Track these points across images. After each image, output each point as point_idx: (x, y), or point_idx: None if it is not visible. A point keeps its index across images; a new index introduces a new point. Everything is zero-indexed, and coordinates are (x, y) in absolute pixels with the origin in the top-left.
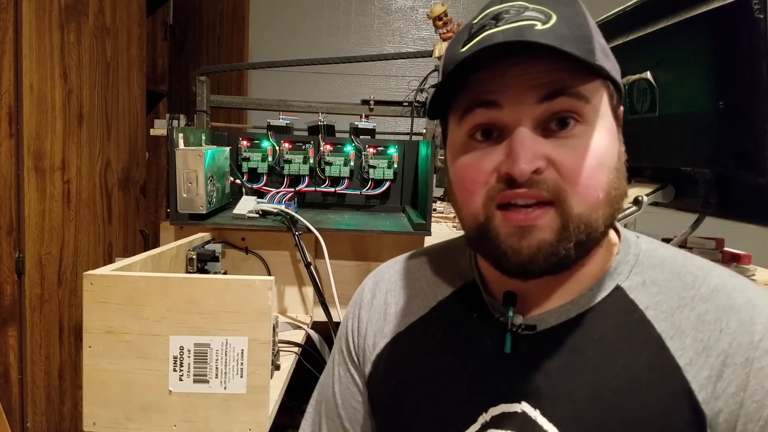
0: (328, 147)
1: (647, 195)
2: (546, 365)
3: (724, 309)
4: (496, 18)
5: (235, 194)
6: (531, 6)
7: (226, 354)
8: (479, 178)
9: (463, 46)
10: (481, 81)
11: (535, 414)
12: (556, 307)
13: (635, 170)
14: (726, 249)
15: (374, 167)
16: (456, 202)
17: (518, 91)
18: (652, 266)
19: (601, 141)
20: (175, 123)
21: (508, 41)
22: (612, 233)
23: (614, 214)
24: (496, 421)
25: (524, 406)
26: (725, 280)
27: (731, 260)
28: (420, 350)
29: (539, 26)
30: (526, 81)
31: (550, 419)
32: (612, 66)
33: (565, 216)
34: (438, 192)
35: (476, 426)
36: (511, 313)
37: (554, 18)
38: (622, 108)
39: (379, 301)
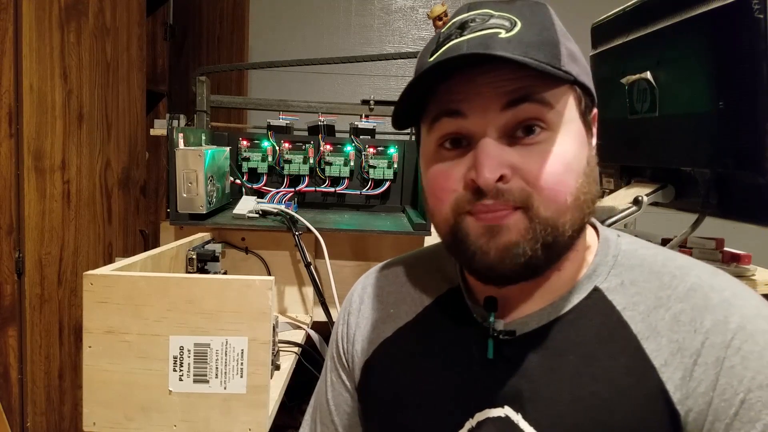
0: (328, 147)
1: (647, 195)
2: (527, 369)
3: (700, 309)
4: (462, 27)
5: (235, 194)
6: (497, 14)
7: (226, 354)
8: (448, 186)
9: (431, 56)
10: (447, 90)
11: (518, 418)
12: (537, 311)
13: (635, 170)
14: (726, 249)
15: (374, 167)
16: (429, 209)
17: (483, 99)
18: (632, 266)
19: (568, 146)
20: (175, 123)
21: (469, 54)
22: (592, 234)
23: (584, 218)
24: (481, 426)
25: (507, 411)
26: (703, 280)
27: (731, 260)
28: (406, 356)
29: (503, 34)
30: (490, 89)
31: (532, 423)
32: (580, 70)
33: (532, 219)
34: None
35: (463, 431)
36: (492, 318)
37: (519, 25)
38: (595, 111)
39: (367, 307)
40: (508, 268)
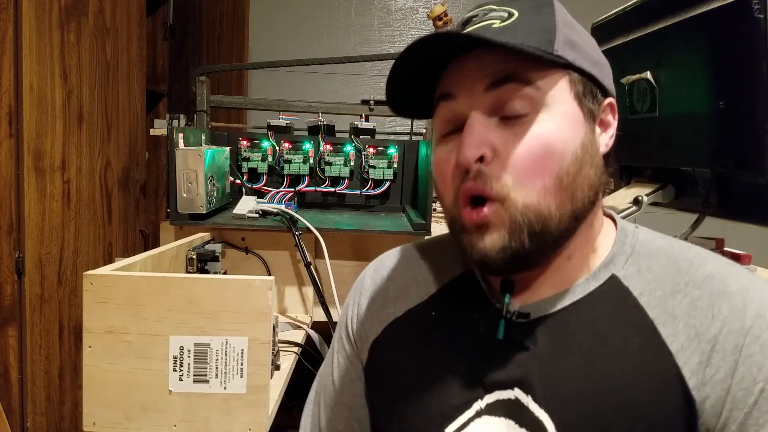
0: (328, 147)
1: (647, 195)
2: (539, 352)
3: (717, 295)
4: (466, 22)
5: (235, 194)
6: (498, 8)
7: (226, 354)
8: (447, 170)
9: None
10: (444, 77)
11: (527, 400)
12: (551, 295)
13: (635, 170)
14: (726, 249)
15: (374, 167)
16: (437, 194)
17: (469, 81)
18: (648, 255)
19: (553, 126)
20: (175, 123)
21: (440, 34)
22: (609, 224)
23: (575, 201)
24: (490, 408)
25: (517, 393)
26: (720, 268)
27: (731, 260)
28: (416, 336)
29: (497, 24)
30: (476, 72)
31: (542, 405)
32: (578, 56)
33: (511, 210)
34: None
35: (471, 412)
36: (507, 299)
37: (516, 15)
38: (610, 100)
39: (379, 288)
40: (497, 261)
